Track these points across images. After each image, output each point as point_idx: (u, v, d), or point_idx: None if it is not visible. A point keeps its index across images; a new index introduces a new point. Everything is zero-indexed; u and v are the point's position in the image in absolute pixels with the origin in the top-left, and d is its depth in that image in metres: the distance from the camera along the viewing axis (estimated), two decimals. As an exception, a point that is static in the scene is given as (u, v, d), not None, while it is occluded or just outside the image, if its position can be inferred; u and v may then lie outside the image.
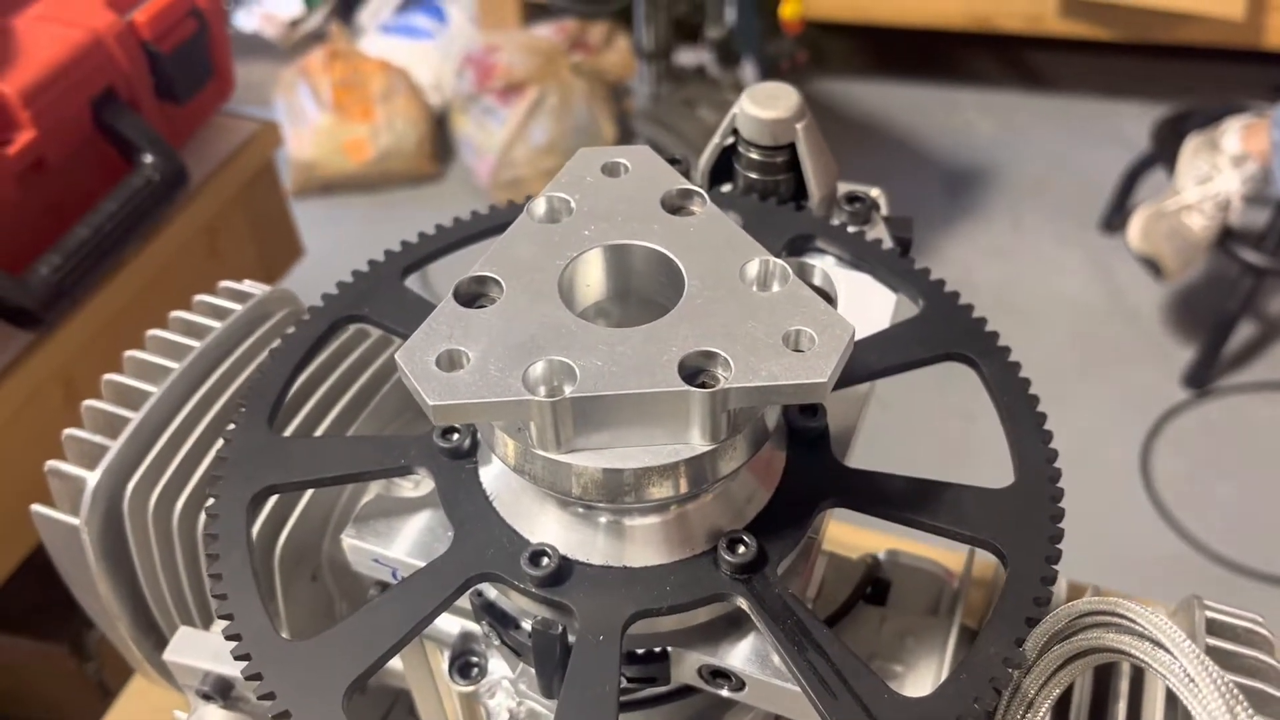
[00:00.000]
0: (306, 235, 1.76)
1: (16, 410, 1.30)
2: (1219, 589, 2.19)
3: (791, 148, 0.76)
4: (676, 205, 0.60)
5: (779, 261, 0.56)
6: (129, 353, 0.79)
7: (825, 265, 0.75)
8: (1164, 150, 2.57)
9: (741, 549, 0.57)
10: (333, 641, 0.56)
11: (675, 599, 0.56)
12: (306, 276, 1.60)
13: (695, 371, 0.52)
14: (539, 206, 0.60)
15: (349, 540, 0.65)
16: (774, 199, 0.76)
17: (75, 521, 0.72)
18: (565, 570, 0.57)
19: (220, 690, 0.69)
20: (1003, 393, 0.65)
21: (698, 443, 0.53)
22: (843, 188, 0.82)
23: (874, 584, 0.77)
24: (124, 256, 1.39)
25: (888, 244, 0.77)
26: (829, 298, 0.75)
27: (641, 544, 0.58)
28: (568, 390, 0.51)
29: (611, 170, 0.62)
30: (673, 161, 0.78)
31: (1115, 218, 2.84)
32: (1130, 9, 2.81)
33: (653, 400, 0.51)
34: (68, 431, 0.74)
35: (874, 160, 3.13)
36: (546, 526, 0.58)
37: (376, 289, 0.71)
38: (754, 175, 0.78)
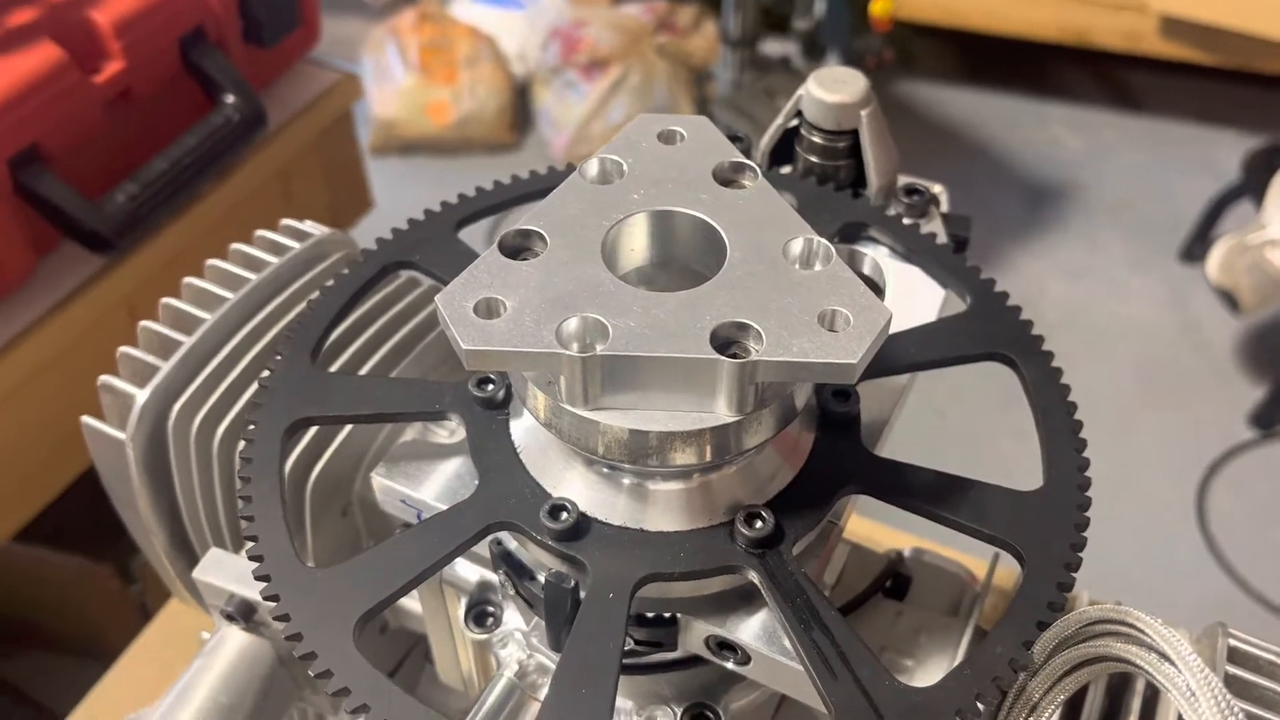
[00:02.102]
0: (380, 192, 1.78)
1: (83, 332, 1.34)
2: (1262, 634, 2.14)
3: (854, 134, 0.76)
4: (728, 178, 0.60)
5: (823, 241, 0.56)
6: (188, 280, 0.81)
7: (877, 255, 0.74)
8: (1254, 182, 2.51)
9: (759, 524, 0.57)
10: (350, 573, 0.57)
11: (688, 565, 0.57)
12: (374, 229, 1.62)
13: (727, 342, 0.52)
14: (591, 167, 0.60)
15: (378, 479, 0.67)
16: (832, 184, 0.76)
17: (121, 436, 0.74)
18: (583, 526, 0.58)
19: (243, 612, 0.71)
20: (1040, 396, 0.64)
21: (724, 412, 0.54)
22: (903, 180, 0.81)
23: (895, 578, 0.77)
24: (199, 192, 1.42)
25: (942, 239, 0.76)
26: (877, 287, 0.75)
27: (661, 508, 0.58)
28: (599, 348, 0.52)
29: (667, 137, 0.62)
30: (733, 139, 0.78)
31: (1196, 247, 2.78)
32: (1234, 35, 2.74)
33: (682, 365, 0.52)
34: (122, 349, 0.76)
35: (954, 167, 3.09)
36: (570, 482, 0.59)
37: (429, 238, 0.72)
38: (814, 159, 0.77)
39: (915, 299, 0.72)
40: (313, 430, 0.74)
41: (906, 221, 0.75)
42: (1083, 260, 2.85)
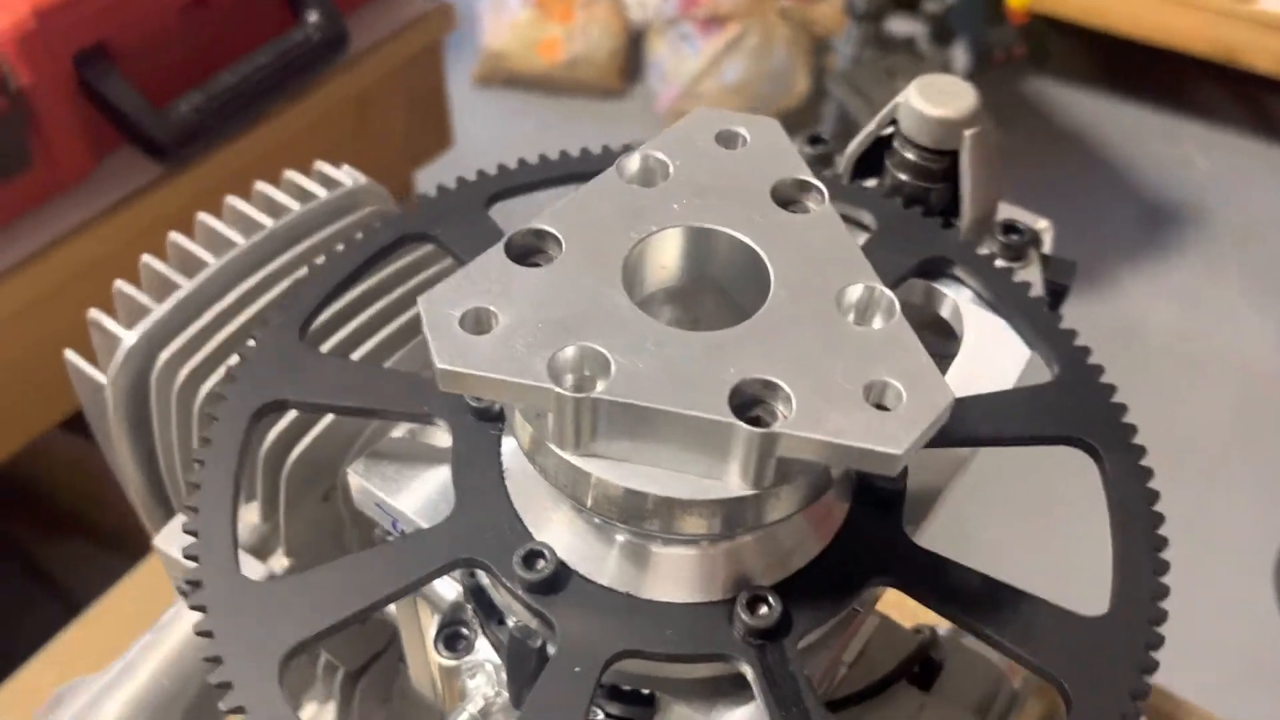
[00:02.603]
0: (474, 124, 1.71)
1: (132, 239, 1.29)
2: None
3: (954, 155, 0.66)
4: (789, 197, 0.51)
5: (887, 292, 0.47)
6: (202, 216, 0.74)
7: (959, 298, 0.65)
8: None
9: (764, 610, 0.49)
10: (292, 593, 0.50)
11: (674, 646, 0.49)
12: (455, 164, 1.55)
13: (750, 402, 0.44)
14: (632, 163, 0.51)
15: (354, 477, 0.60)
16: (920, 208, 0.66)
17: (102, 380, 0.68)
18: (560, 579, 0.50)
19: (201, 593, 0.65)
20: (1121, 498, 0.54)
21: (735, 483, 0.45)
22: (1004, 211, 0.71)
23: (924, 663, 0.68)
24: (268, 110, 1.36)
25: (1038, 289, 0.66)
26: (953, 335, 0.65)
27: (653, 573, 0.50)
28: (598, 388, 0.43)
29: (727, 139, 0.53)
30: (816, 140, 0.68)
31: (1322, 294, 2.59)
32: (1399, 74, 2.52)
33: (692, 424, 0.43)
34: (119, 285, 0.70)
35: (1072, 174, 2.92)
36: (554, 525, 0.51)
37: (456, 211, 0.64)
38: (904, 176, 0.68)
39: (994, 357, 0.62)
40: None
41: (999, 264, 0.65)
42: (1196, 288, 2.67)
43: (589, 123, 3.04)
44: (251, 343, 0.58)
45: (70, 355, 0.70)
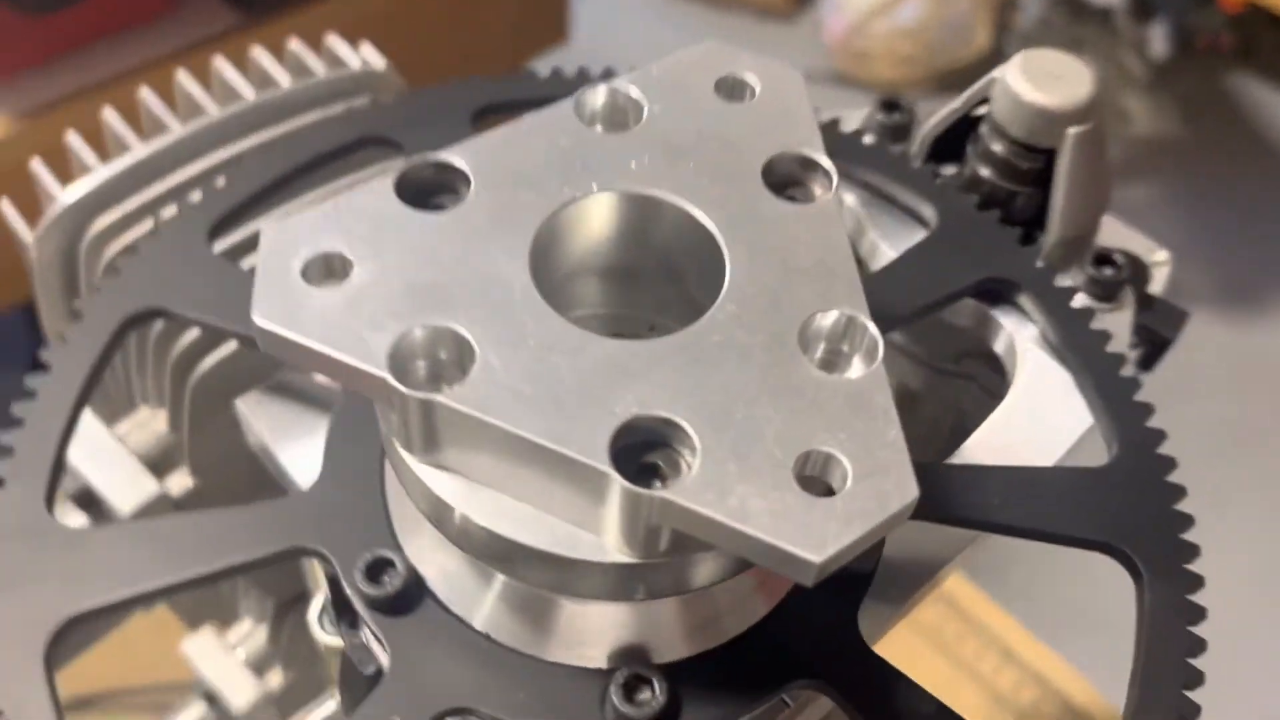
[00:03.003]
0: (605, 20, 1.58)
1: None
2: None
3: (1050, 155, 0.52)
4: (785, 177, 0.39)
5: (873, 332, 0.35)
6: (181, 76, 0.65)
7: (1019, 333, 0.51)
8: None
9: (644, 695, 0.38)
10: (89, 553, 0.41)
11: (521, 714, 0.39)
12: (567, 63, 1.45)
13: (639, 446, 0.33)
14: (596, 98, 0.40)
15: (241, 407, 0.51)
16: (998, 212, 0.53)
17: (28, 238, 0.60)
18: (409, 600, 0.40)
19: (83, 502, 0.57)
20: (1155, 629, 0.42)
21: (612, 545, 0.34)
22: (1110, 234, 0.57)
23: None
24: (365, -28, 1.26)
25: (1122, 342, 0.53)
26: (1000, 378, 0.52)
27: (519, 618, 0.40)
28: (442, 392, 0.33)
29: (730, 89, 0.41)
30: (892, 107, 0.55)
31: None
32: None
33: (559, 461, 0.32)
34: (71, 135, 0.62)
35: (1260, 185, 2.64)
36: (421, 532, 0.41)
37: (433, 119, 0.53)
38: (986, 171, 0.54)
39: (1044, 418, 0.49)
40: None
41: (1079, 301, 0.52)
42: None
43: (746, 40, 2.87)
44: (151, 234, 0.49)
45: (5, 205, 0.63)
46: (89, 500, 0.58)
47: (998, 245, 0.52)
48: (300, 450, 0.49)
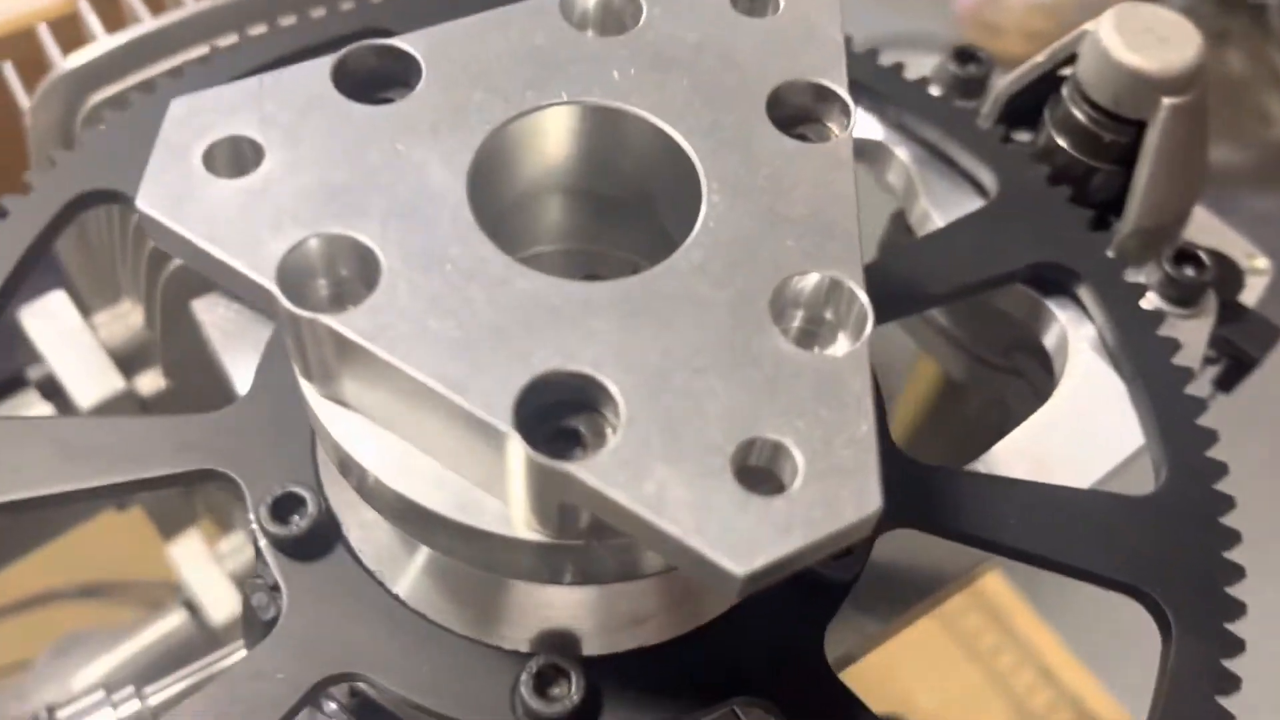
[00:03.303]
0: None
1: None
2: None
3: (1139, 130, 0.45)
4: (794, 110, 0.33)
5: (864, 302, 0.29)
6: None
7: (1075, 331, 0.45)
8: None
9: (556, 690, 0.33)
10: None
11: (418, 689, 0.34)
12: None
13: (561, 405, 0.27)
14: (584, -4, 0.34)
15: (197, 309, 0.47)
16: (1069, 189, 0.46)
17: (24, 103, 0.57)
18: (318, 544, 0.35)
19: (46, 390, 0.54)
20: (1176, 693, 0.35)
21: (519, 520, 0.29)
22: (1201, 229, 0.50)
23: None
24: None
25: (1193, 354, 0.45)
26: (1047, 375, 0.46)
27: (431, 584, 0.35)
28: (336, 312, 0.28)
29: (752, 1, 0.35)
30: (968, 58, 0.49)
31: None
32: None
33: (458, 413, 0.27)
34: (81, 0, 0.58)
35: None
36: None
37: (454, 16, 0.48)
38: (1062, 140, 0.47)
39: (1088, 432, 0.43)
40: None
41: (1149, 302, 0.45)
42: None
43: (867, 9, 2.76)
44: (122, 112, 0.45)
45: (7, 69, 0.59)
46: (53, 389, 0.54)
47: (1062, 226, 0.45)
48: (248, 361, 0.45)
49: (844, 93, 0.32)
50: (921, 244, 0.45)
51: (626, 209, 0.34)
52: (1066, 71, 0.48)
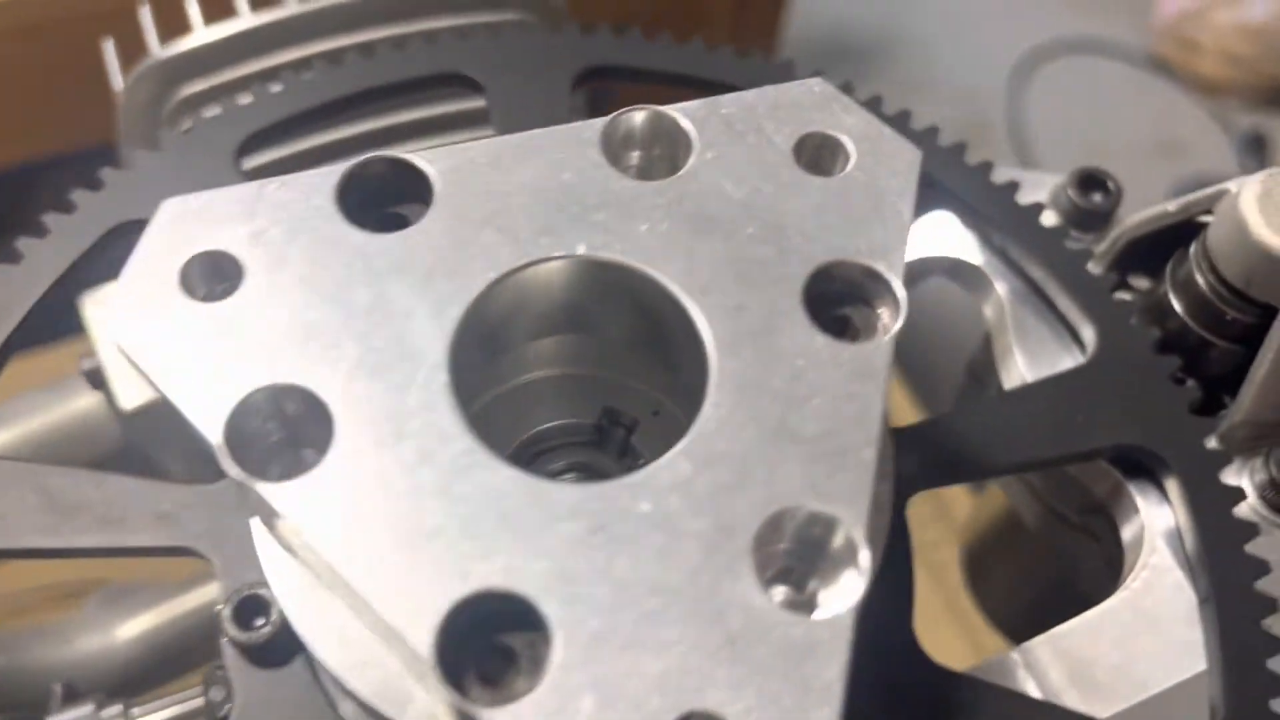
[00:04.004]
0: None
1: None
2: None
3: (1269, 314, 0.39)
4: (836, 293, 0.29)
5: (865, 559, 0.25)
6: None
7: (1157, 523, 0.40)
8: None
9: None
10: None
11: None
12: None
13: (495, 619, 0.25)
14: (633, 122, 0.31)
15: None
16: (1179, 360, 0.40)
17: (117, 85, 0.56)
18: (277, 653, 0.34)
19: (94, 380, 0.54)
20: None
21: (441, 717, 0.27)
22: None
23: None
24: None
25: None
26: (1119, 562, 0.41)
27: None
28: (273, 483, 0.25)
29: (814, 152, 0.31)
30: (1093, 183, 0.44)
31: None
32: None
33: (383, 624, 0.24)
34: (185, -19, 0.57)
35: None
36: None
37: (534, 69, 0.45)
38: (1180, 305, 0.42)
39: (1150, 644, 0.38)
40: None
41: (1247, 506, 0.40)
42: None
43: (1058, 10, 2.61)
44: (184, 132, 0.44)
45: (108, 46, 0.58)
46: (99, 381, 0.54)
47: (1160, 404, 0.40)
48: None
49: (898, 285, 0.28)
50: (1000, 402, 0.41)
51: (644, 352, 0.31)
52: (1206, 218, 0.42)
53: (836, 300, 0.29)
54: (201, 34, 0.55)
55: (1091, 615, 0.39)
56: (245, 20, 0.55)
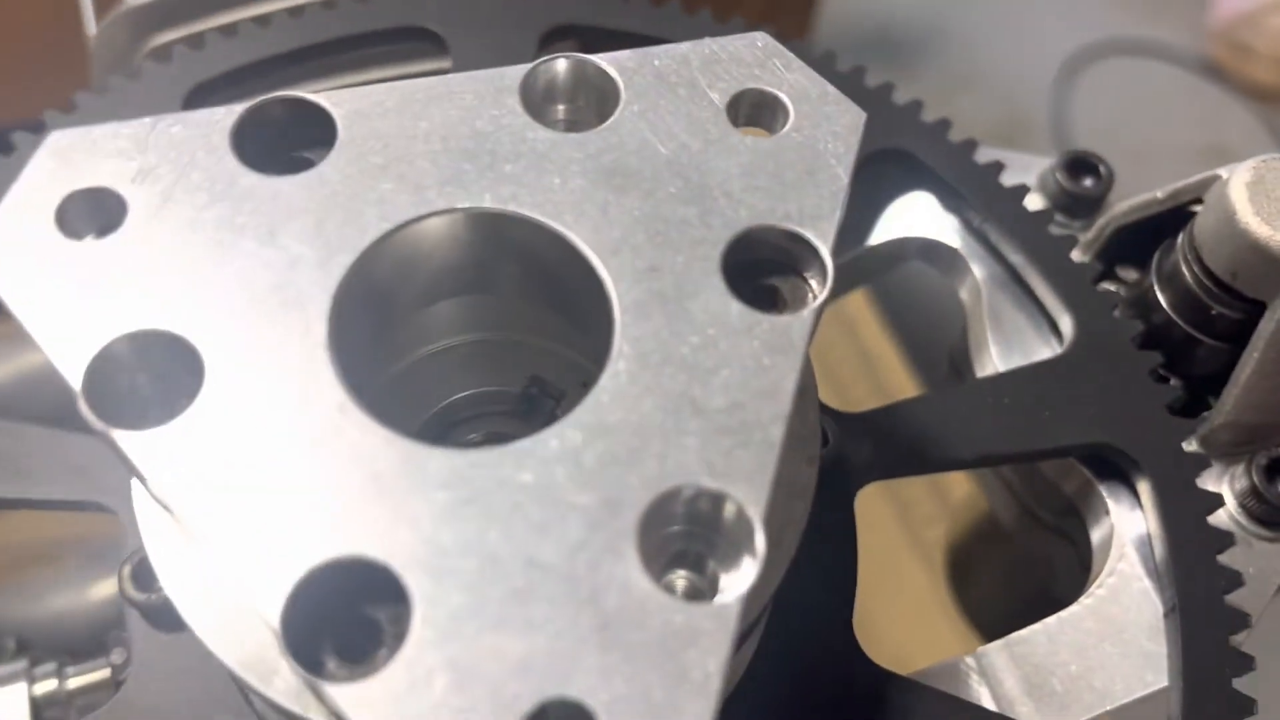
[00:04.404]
0: None
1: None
2: None
3: (1258, 310, 0.37)
4: (759, 262, 0.27)
5: (760, 544, 0.23)
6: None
7: (1124, 524, 0.37)
8: None
9: None
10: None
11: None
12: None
13: (361, 593, 0.23)
14: (556, 70, 0.29)
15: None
16: (1161, 356, 0.38)
17: (90, 30, 0.55)
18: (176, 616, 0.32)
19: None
20: None
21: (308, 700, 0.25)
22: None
23: None
24: None
25: (1268, 585, 0.37)
26: (1083, 573, 0.39)
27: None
28: (132, 430, 0.24)
29: (749, 109, 0.29)
30: (1080, 168, 0.41)
31: None
32: None
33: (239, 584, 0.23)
34: (169, -66, 0.55)
35: None
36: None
37: (499, 26, 0.43)
38: (1165, 298, 0.39)
39: (1110, 657, 0.36)
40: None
41: (1221, 519, 0.37)
42: None
43: (1107, 10, 2.55)
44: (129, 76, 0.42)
45: (85, -4, 0.57)
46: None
47: (1136, 402, 0.37)
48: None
49: (826, 253, 0.26)
50: (967, 391, 0.39)
51: (564, 317, 0.29)
52: (1194, 208, 0.40)
53: (765, 269, 0.27)
54: (177, -16, 0.54)
55: (1052, 621, 0.37)
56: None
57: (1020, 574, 0.49)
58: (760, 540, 0.23)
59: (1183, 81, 2.19)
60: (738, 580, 0.23)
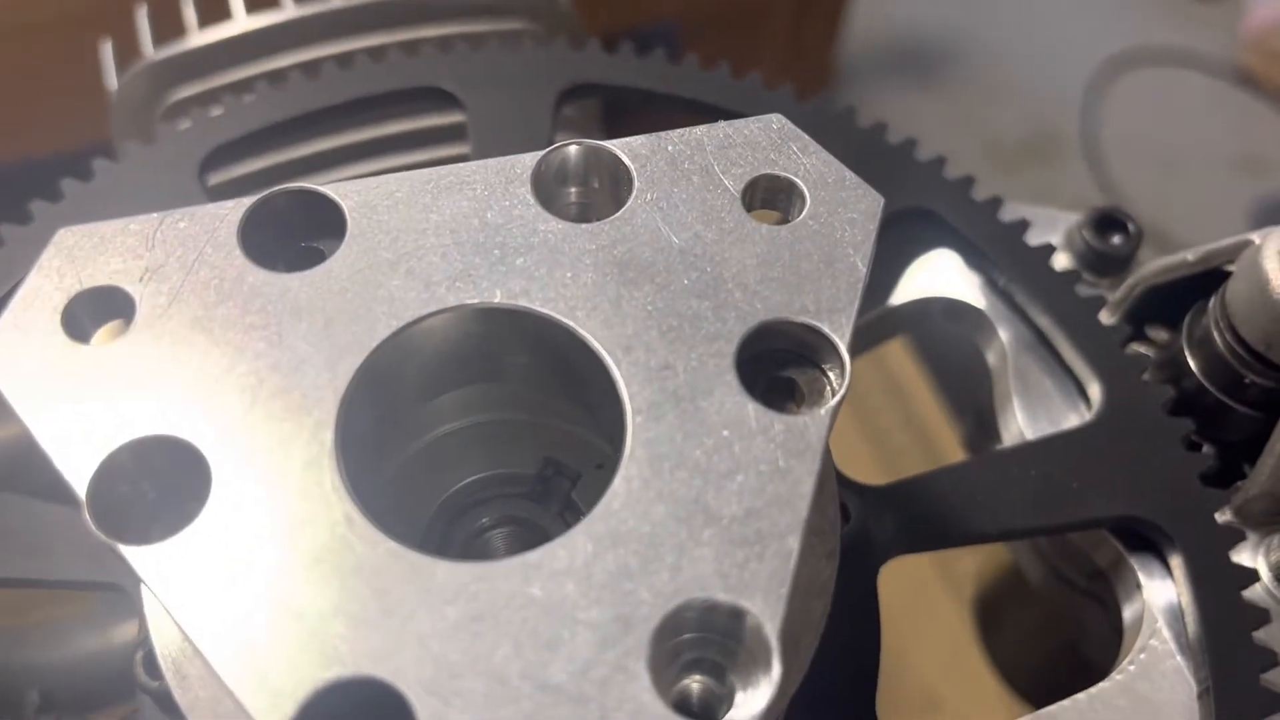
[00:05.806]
0: None
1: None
2: None
3: (1291, 378, 0.36)
4: (774, 355, 0.26)
5: (776, 670, 0.22)
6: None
7: (1156, 598, 0.36)
8: None
9: None
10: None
11: None
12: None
13: (359, 709, 0.22)
14: (567, 158, 0.28)
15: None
16: (1193, 423, 0.37)
17: (111, 86, 0.55)
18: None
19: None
20: None
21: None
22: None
23: None
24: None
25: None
26: (1116, 638, 0.38)
27: None
28: (137, 545, 0.23)
29: (765, 194, 0.28)
30: (1111, 225, 0.40)
31: None
32: None
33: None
34: (178, -22, 0.55)
35: None
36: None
37: (517, 85, 0.43)
38: (1196, 364, 0.38)
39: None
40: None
41: (1256, 592, 0.36)
42: None
43: (1138, 20, 2.52)
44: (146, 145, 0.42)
45: (105, 47, 0.57)
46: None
47: (1168, 472, 0.36)
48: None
49: (844, 348, 0.26)
50: (993, 462, 0.38)
51: (579, 401, 0.29)
52: (1230, 268, 0.39)
53: (781, 360, 0.27)
54: (195, 37, 0.54)
55: (1082, 698, 0.36)
56: (240, 24, 0.54)
57: (1050, 632, 0.48)
58: (777, 664, 0.22)
59: (1214, 90, 2.16)
60: (753, 699, 0.22)
